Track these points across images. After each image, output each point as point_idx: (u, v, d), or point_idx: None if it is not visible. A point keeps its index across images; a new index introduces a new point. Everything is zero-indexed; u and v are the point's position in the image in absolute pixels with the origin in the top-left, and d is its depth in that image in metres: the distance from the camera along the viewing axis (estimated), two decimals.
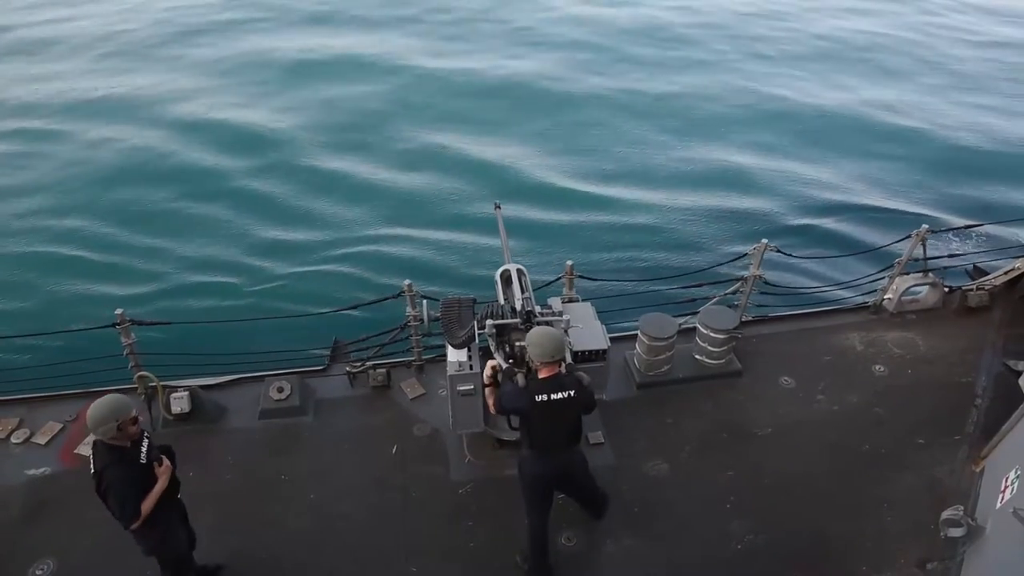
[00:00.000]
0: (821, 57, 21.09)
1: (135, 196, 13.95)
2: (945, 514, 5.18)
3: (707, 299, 7.77)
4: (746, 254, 7.45)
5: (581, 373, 4.75)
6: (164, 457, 4.43)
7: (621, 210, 13.46)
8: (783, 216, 13.29)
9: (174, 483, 4.53)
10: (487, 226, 6.52)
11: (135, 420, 4.18)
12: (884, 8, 25.21)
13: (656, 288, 8.05)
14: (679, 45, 21.66)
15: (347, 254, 12.30)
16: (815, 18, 24.17)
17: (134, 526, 4.19)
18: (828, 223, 13.05)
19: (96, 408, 4.09)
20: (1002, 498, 4.95)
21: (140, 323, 6.39)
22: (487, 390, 5.01)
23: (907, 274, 7.91)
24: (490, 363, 5.03)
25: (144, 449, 4.32)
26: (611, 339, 5.86)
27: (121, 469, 4.13)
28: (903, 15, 24.77)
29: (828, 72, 19.93)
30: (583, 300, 6.59)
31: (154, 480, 4.29)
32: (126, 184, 14.32)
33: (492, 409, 4.98)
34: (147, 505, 4.21)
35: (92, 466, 4.19)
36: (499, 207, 6.96)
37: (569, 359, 5.03)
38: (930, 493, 5.82)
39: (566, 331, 5.36)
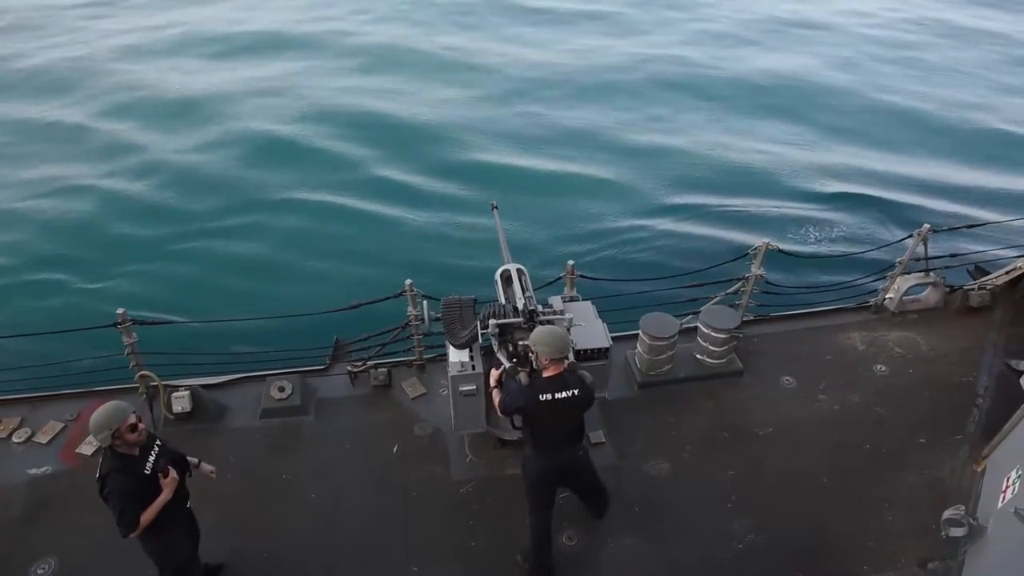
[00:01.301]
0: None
1: None
2: (946, 514, 5.16)
3: (708, 299, 7.76)
4: (747, 253, 7.44)
5: (584, 372, 4.76)
6: (171, 468, 4.33)
7: (616, 203, 13.49)
8: (783, 215, 13.26)
9: (182, 494, 4.48)
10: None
11: (133, 427, 4.10)
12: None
13: (657, 288, 8.02)
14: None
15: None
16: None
17: (132, 535, 4.16)
18: (829, 222, 13.02)
19: (93, 417, 4.08)
20: (1003, 498, 4.95)
21: (141, 323, 6.40)
22: (493, 391, 5.02)
23: (908, 273, 7.90)
24: (494, 370, 5.05)
25: (152, 459, 4.26)
26: (612, 338, 5.85)
27: (123, 479, 4.09)
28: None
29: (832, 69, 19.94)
30: (584, 299, 6.58)
31: (158, 491, 4.22)
32: None
33: (498, 410, 4.99)
34: (147, 516, 4.16)
35: (99, 469, 4.17)
36: (496, 207, 6.94)
37: (572, 358, 5.03)
38: (931, 493, 5.82)
39: (569, 329, 5.36)
